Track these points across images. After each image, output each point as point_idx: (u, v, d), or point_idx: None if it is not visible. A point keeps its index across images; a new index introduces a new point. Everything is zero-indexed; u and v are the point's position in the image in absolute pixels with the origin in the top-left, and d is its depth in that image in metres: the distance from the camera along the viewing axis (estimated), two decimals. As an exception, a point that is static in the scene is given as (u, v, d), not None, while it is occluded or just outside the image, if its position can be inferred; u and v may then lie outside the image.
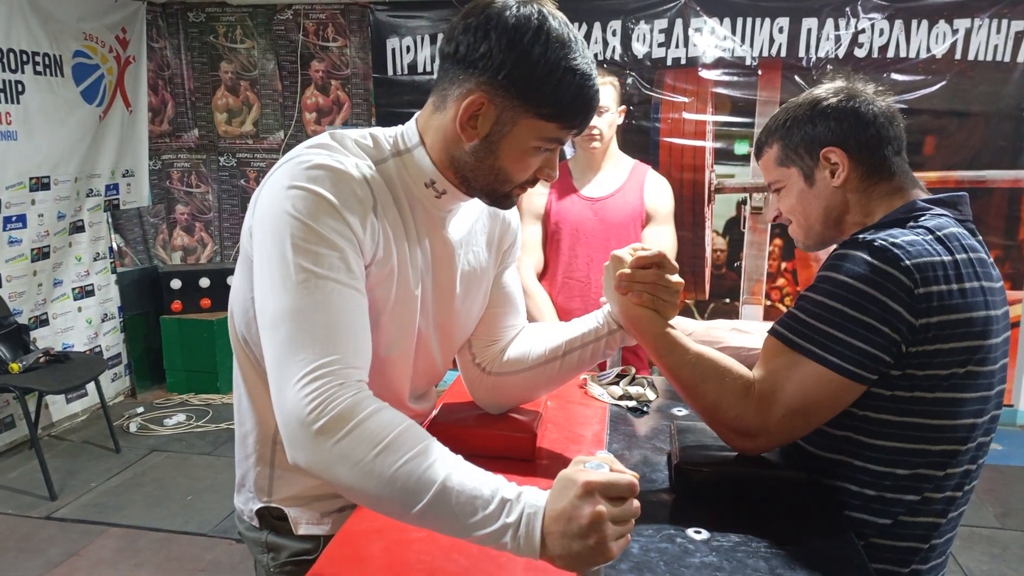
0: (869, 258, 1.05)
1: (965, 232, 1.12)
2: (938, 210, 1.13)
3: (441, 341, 1.24)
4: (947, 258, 1.05)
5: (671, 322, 1.19)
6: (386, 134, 1.11)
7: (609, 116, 2.41)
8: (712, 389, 1.13)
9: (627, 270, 1.18)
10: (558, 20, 1.00)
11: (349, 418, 0.88)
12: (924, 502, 1.11)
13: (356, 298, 0.98)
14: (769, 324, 1.18)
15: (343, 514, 1.18)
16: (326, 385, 0.90)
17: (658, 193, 2.49)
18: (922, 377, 1.06)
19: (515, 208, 1.30)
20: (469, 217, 1.22)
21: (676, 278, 1.18)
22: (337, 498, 1.19)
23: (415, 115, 1.11)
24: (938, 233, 1.08)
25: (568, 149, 3.18)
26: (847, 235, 1.19)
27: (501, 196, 1.10)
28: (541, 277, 2.58)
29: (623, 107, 2.52)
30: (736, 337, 1.46)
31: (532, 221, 2.55)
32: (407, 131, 1.11)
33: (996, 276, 1.13)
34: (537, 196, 2.53)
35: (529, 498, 0.85)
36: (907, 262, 1.03)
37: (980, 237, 1.14)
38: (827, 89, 1.22)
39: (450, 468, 0.87)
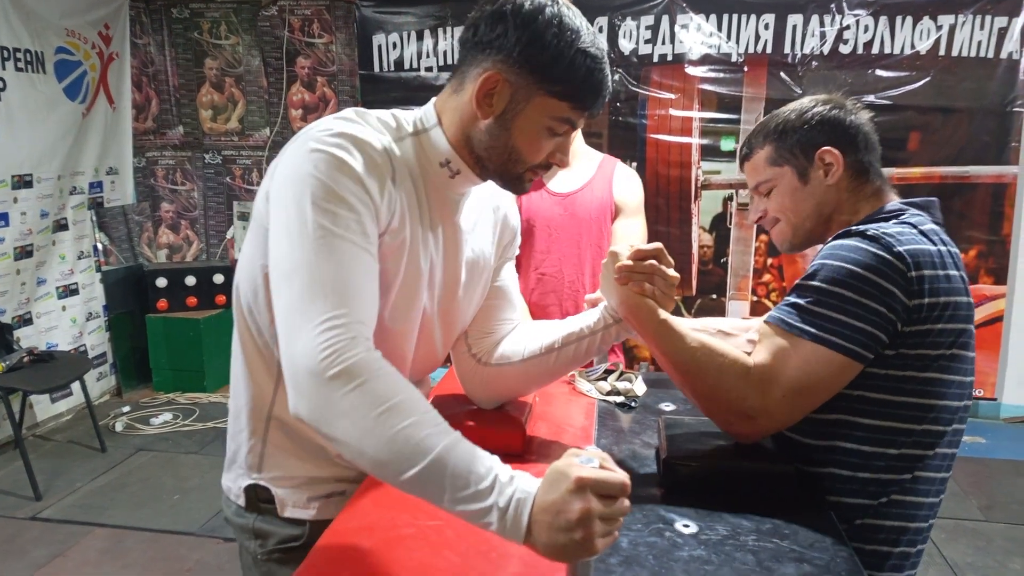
0: (864, 245, 1.12)
1: (939, 229, 1.20)
2: (914, 211, 1.22)
3: (443, 326, 1.25)
4: (932, 248, 1.13)
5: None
6: (407, 116, 1.14)
7: None
8: (712, 372, 1.16)
9: (628, 262, 1.22)
10: (572, 11, 1.05)
11: (360, 373, 0.89)
12: (914, 480, 1.16)
13: (368, 261, 1.00)
14: (753, 324, 1.20)
15: (331, 500, 1.19)
16: (339, 336, 0.91)
17: (627, 186, 2.45)
18: (914, 356, 1.12)
19: (514, 205, 1.33)
20: (476, 209, 1.25)
21: (672, 272, 1.22)
22: (325, 483, 1.19)
23: (432, 99, 1.15)
24: (920, 228, 1.16)
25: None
26: (832, 235, 1.26)
27: (514, 178, 1.12)
28: None
29: None
30: (722, 339, 1.47)
31: None
32: (425, 112, 1.14)
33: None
34: None
35: (521, 483, 0.86)
36: (899, 248, 1.10)
37: (948, 236, 1.22)
38: (814, 100, 1.31)
39: (450, 440, 0.88)
